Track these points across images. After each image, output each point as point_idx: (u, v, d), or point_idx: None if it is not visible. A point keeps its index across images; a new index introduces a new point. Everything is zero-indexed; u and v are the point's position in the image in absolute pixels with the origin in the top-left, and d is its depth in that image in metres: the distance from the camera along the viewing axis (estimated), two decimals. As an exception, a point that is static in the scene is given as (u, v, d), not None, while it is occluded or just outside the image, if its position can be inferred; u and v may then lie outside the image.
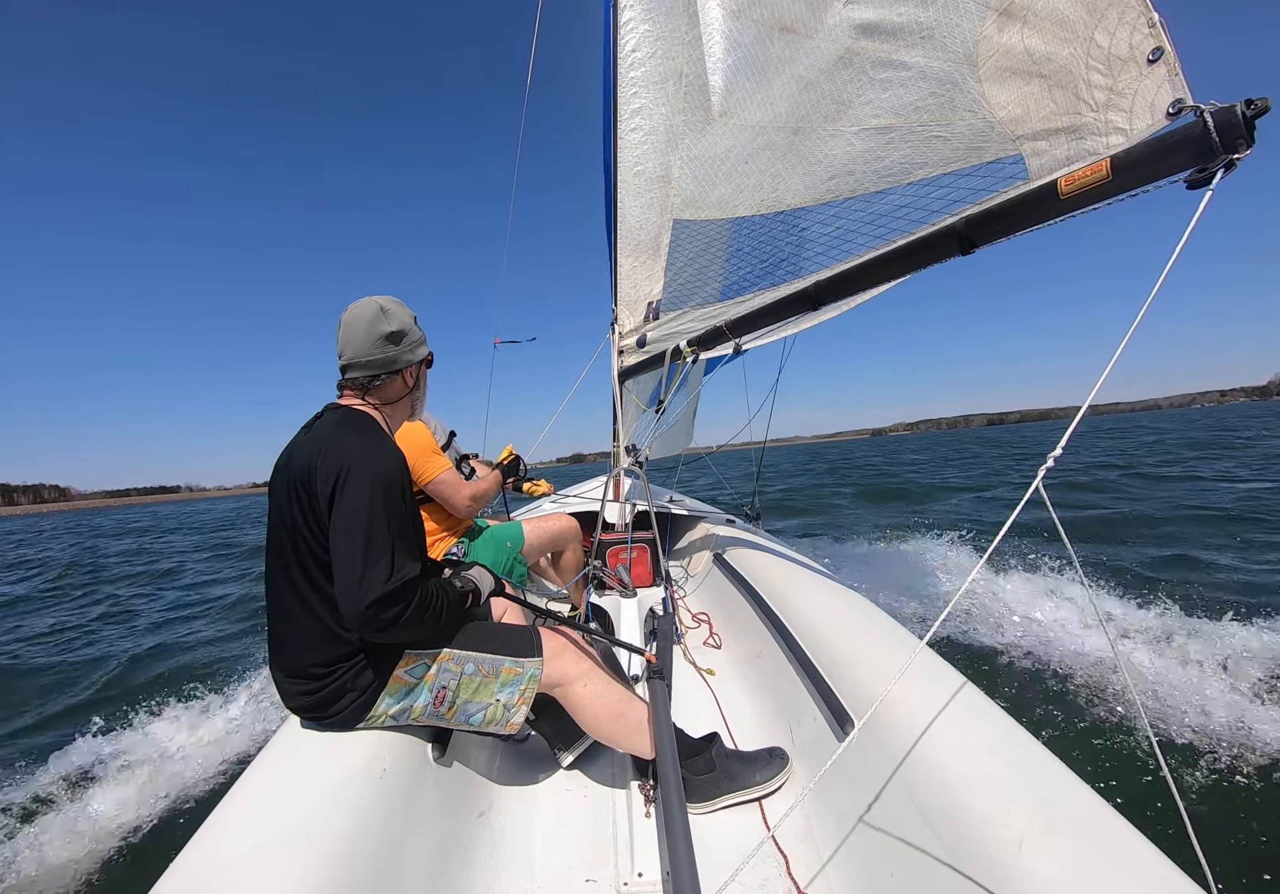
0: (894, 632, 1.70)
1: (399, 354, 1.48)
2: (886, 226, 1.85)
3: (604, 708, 1.55)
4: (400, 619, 1.23)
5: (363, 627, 1.22)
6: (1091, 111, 1.27)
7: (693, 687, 2.23)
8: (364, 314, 1.46)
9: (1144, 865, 0.87)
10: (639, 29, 2.95)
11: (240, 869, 1.02)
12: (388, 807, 1.27)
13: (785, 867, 1.40)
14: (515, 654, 1.52)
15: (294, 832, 1.09)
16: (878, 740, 1.32)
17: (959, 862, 1.02)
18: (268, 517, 1.40)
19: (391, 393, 1.52)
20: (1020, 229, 1.28)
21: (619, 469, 3.51)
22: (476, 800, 1.66)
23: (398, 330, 1.47)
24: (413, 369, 1.55)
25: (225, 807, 1.20)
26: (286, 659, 1.38)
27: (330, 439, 1.33)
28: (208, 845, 1.09)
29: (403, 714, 1.42)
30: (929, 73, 1.70)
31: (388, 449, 1.35)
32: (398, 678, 1.40)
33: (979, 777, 1.08)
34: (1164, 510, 7.29)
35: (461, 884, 1.40)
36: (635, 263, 3.33)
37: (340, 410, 1.44)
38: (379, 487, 1.26)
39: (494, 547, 2.54)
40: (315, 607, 1.32)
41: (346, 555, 1.23)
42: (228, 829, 1.13)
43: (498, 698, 1.47)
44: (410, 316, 1.53)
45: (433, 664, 1.43)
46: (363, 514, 1.23)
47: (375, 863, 1.15)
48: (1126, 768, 2.03)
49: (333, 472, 1.26)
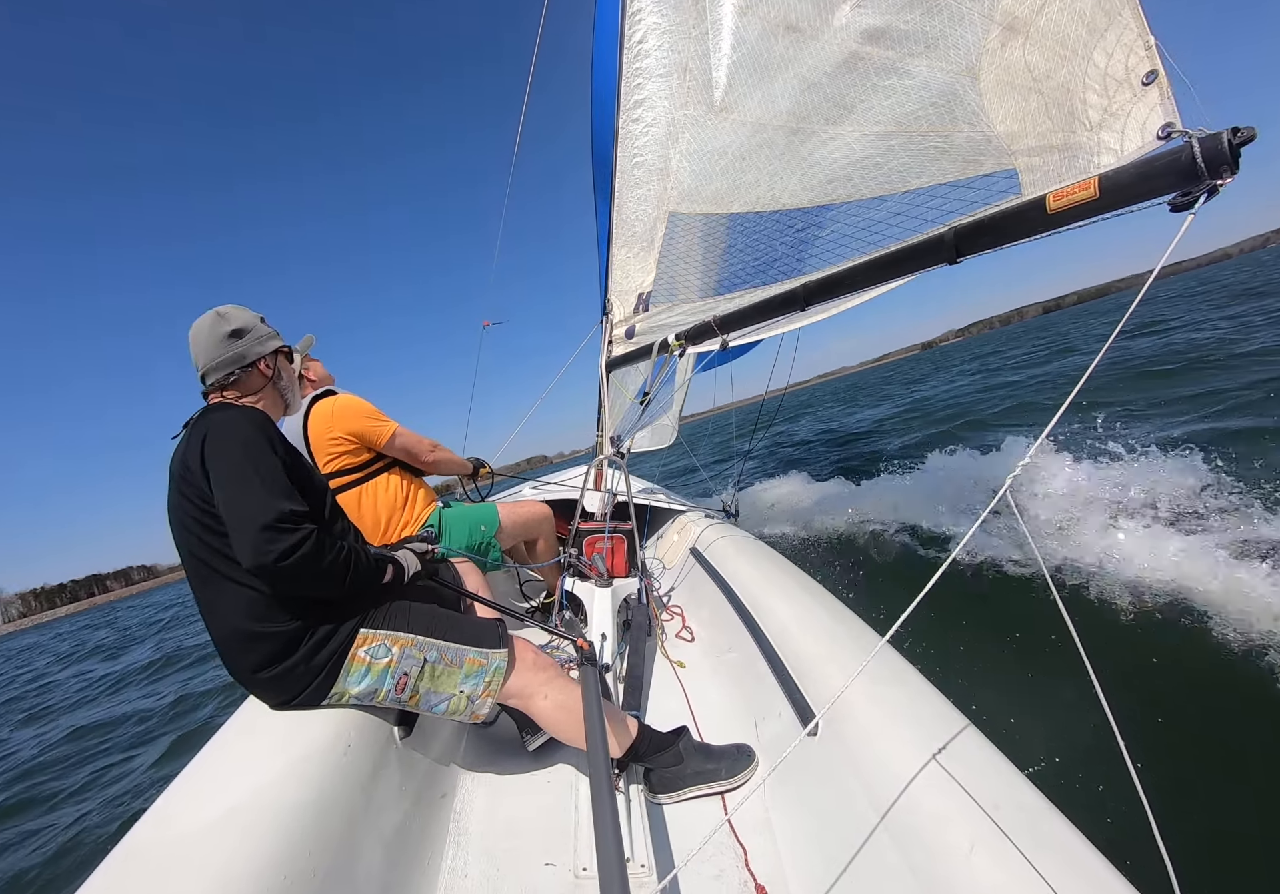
0: (862, 632, 1.73)
1: (247, 348, 1.55)
2: (881, 233, 1.86)
3: (567, 715, 1.56)
4: (294, 554, 1.24)
5: (257, 562, 1.22)
6: (1085, 130, 1.29)
7: (664, 679, 2.26)
8: (204, 323, 1.54)
9: (1088, 873, 0.90)
10: (647, 21, 2.93)
11: (193, 844, 1.01)
12: (350, 785, 1.28)
13: (744, 859, 1.42)
14: (480, 645, 1.53)
15: (252, 807, 1.09)
16: (840, 739, 1.35)
17: (911, 862, 1.05)
18: (171, 530, 1.42)
19: (252, 386, 1.58)
20: (1007, 242, 1.30)
21: (601, 458, 3.52)
22: (440, 782, 1.67)
23: (239, 328, 1.55)
24: (267, 360, 1.61)
25: (181, 781, 1.19)
26: (230, 638, 1.37)
27: (194, 426, 1.41)
28: (161, 820, 1.08)
29: (367, 696, 1.43)
30: (931, 82, 1.71)
31: (245, 411, 1.42)
32: (357, 657, 1.41)
33: (934, 779, 1.11)
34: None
35: (421, 865, 1.41)
36: (629, 254, 3.32)
37: (202, 410, 1.49)
38: (239, 439, 1.33)
39: (467, 528, 2.54)
40: (246, 579, 1.33)
41: (229, 502, 1.27)
42: (183, 803, 1.13)
43: (461, 688, 1.48)
44: (253, 317, 1.61)
45: (394, 647, 1.44)
46: (234, 466, 1.29)
47: (335, 840, 1.16)
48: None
49: (197, 446, 1.33)
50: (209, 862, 0.97)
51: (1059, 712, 2.15)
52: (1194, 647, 2.42)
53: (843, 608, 1.92)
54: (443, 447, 2.68)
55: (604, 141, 3.57)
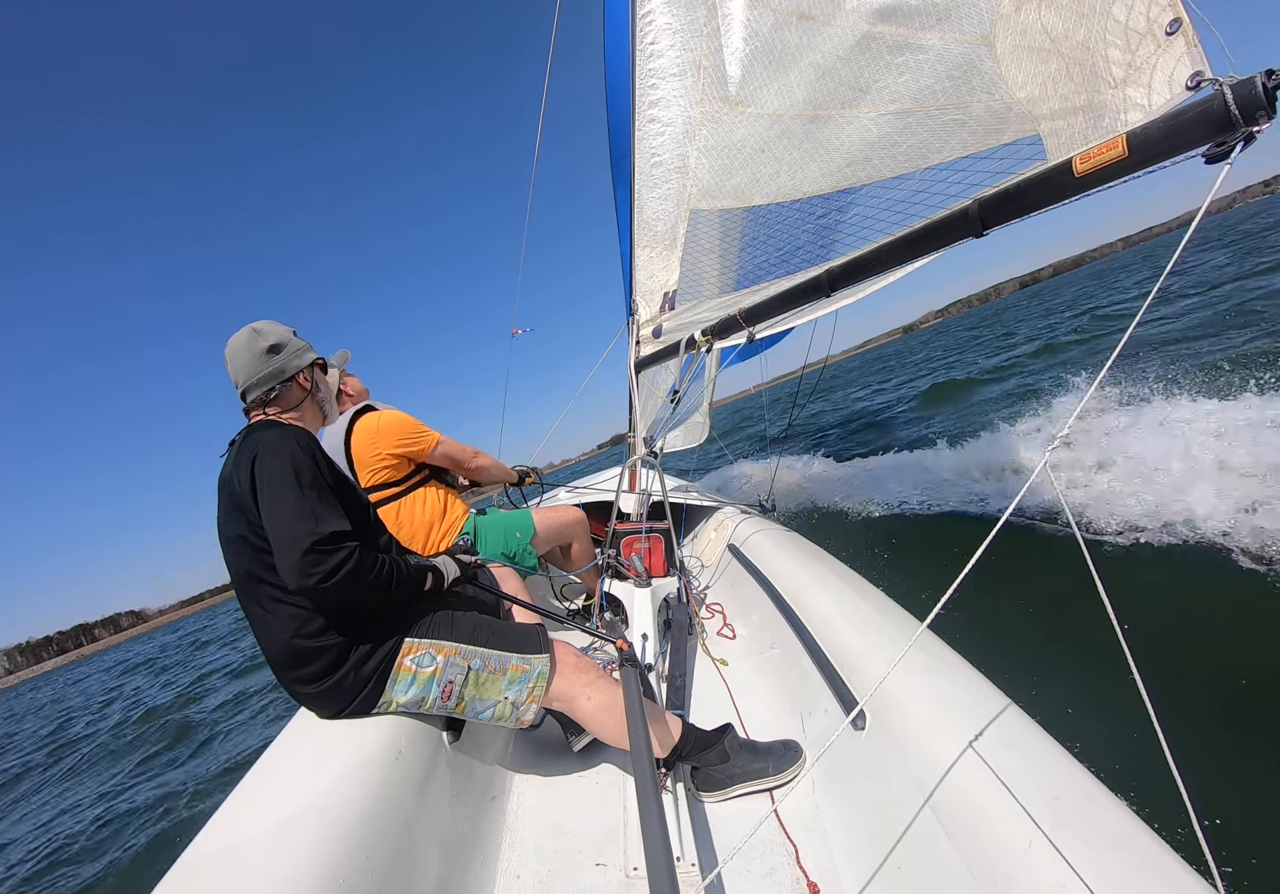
0: (906, 622, 1.68)
1: (285, 363, 1.58)
2: (904, 212, 1.83)
3: (610, 716, 1.56)
4: (337, 574, 1.26)
5: (301, 583, 1.25)
6: (1110, 88, 1.24)
7: (707, 677, 2.24)
8: (240, 340, 1.56)
9: (1152, 864, 0.86)
10: (658, 22, 2.95)
11: (259, 848, 1.04)
12: (403, 790, 1.30)
13: (795, 856, 1.40)
14: (522, 651, 1.55)
15: (311, 812, 1.12)
16: (887, 732, 1.32)
17: (967, 858, 1.01)
18: (220, 548, 1.46)
19: (292, 400, 1.61)
20: (1035, 209, 1.25)
21: (634, 459, 3.52)
22: (490, 784, 1.69)
23: (275, 343, 1.57)
24: (305, 373, 1.63)
25: (243, 788, 1.24)
26: (285, 654, 1.40)
27: (241, 446, 1.43)
28: (226, 825, 1.13)
29: (414, 705, 1.45)
30: (946, 55, 1.68)
31: (291, 431, 1.44)
32: (403, 666, 1.44)
33: (988, 772, 1.07)
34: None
35: (474, 866, 1.42)
36: (651, 254, 3.33)
37: (246, 428, 1.52)
38: (286, 460, 1.34)
39: (502, 535, 2.57)
40: (294, 600, 1.36)
41: (274, 524, 1.29)
42: (246, 809, 1.17)
43: (505, 695, 1.50)
44: (286, 331, 1.64)
45: (438, 656, 1.47)
46: (278, 486, 1.31)
47: (391, 843, 1.18)
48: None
49: (247, 467, 1.35)
50: (271, 868, 1.00)
51: (1101, 688, 2.06)
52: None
53: (884, 597, 1.87)
54: (483, 452, 2.72)
55: (620, 144, 3.60)
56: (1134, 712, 0.98)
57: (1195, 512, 2.86)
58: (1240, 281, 10.43)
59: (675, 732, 1.63)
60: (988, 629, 2.70)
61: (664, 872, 1.00)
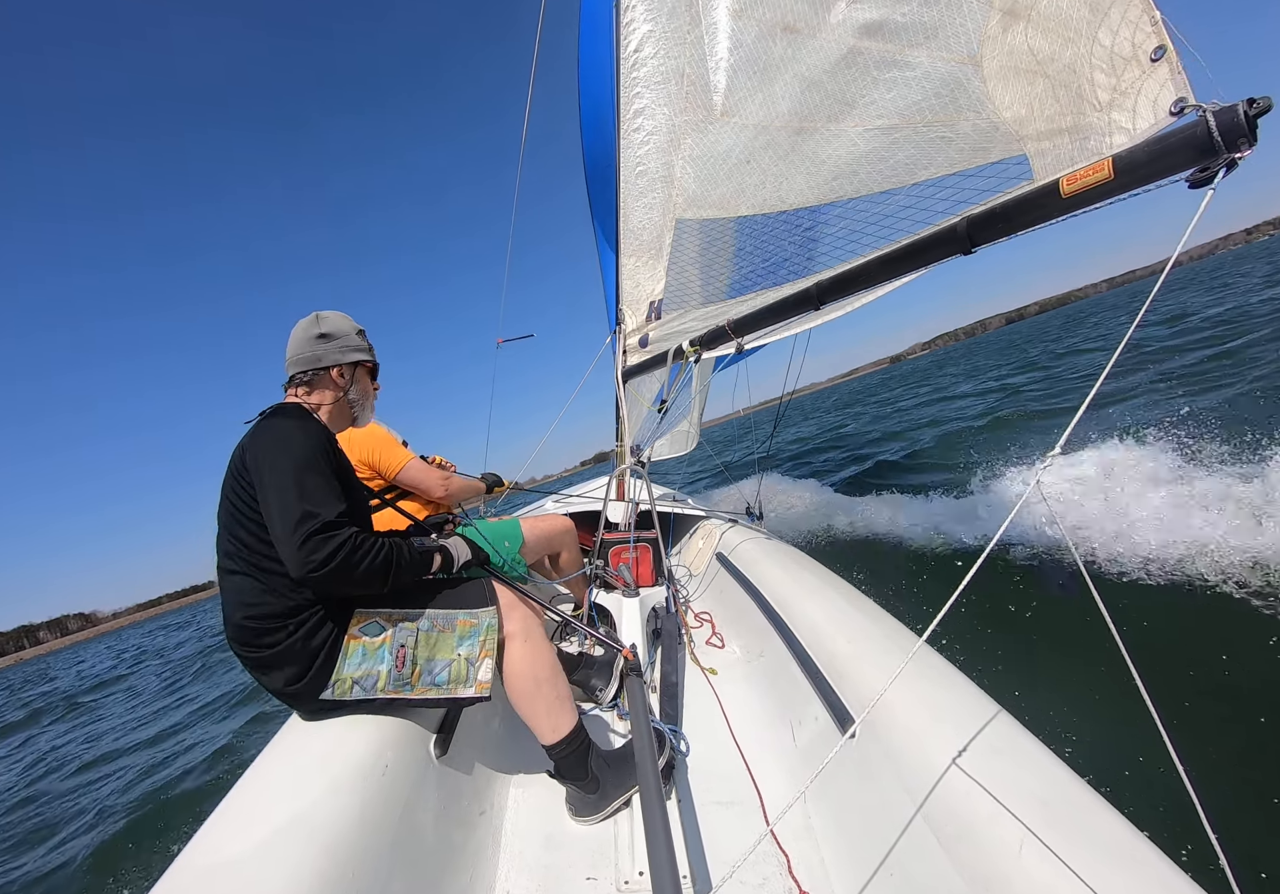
0: (896, 630, 1.70)
1: (326, 352, 1.63)
2: (891, 227, 1.85)
3: (529, 668, 1.58)
4: (333, 559, 1.27)
5: (301, 571, 1.26)
6: (1095, 111, 1.27)
7: (696, 687, 2.24)
8: (303, 322, 1.66)
9: (1143, 867, 0.87)
10: (641, 29, 2.96)
11: (242, 867, 1.02)
12: (390, 805, 1.28)
13: (787, 866, 1.40)
14: (468, 605, 1.56)
15: (296, 829, 1.10)
16: (879, 741, 1.33)
17: (959, 863, 1.02)
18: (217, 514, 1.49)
19: (323, 390, 1.65)
20: (1022, 229, 1.28)
21: (622, 468, 3.52)
22: (478, 798, 1.67)
23: (328, 332, 1.64)
24: (343, 369, 1.67)
25: (228, 804, 1.21)
26: (234, 625, 1.41)
27: (258, 426, 1.48)
28: (209, 843, 1.10)
29: (367, 680, 1.43)
30: (933, 73, 1.70)
31: (306, 424, 1.46)
32: (353, 636, 1.44)
33: (978, 777, 1.08)
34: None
35: (463, 881, 1.40)
36: (638, 263, 3.34)
37: (274, 406, 1.56)
38: (294, 451, 1.37)
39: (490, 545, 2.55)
40: (253, 571, 1.39)
41: (277, 513, 1.30)
42: (230, 826, 1.14)
43: (458, 652, 1.51)
44: (350, 327, 1.69)
45: (386, 624, 1.47)
46: (281, 474, 1.33)
47: (378, 861, 1.16)
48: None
49: (257, 448, 1.39)
50: (258, 887, 0.98)
51: (1099, 699, 2.10)
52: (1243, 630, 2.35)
53: (874, 606, 1.89)
54: (455, 476, 2.68)
55: (596, 153, 3.60)
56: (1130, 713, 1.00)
57: (1189, 525, 2.94)
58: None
59: (566, 726, 1.61)
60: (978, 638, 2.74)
61: (669, 885, 1.00)
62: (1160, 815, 1.17)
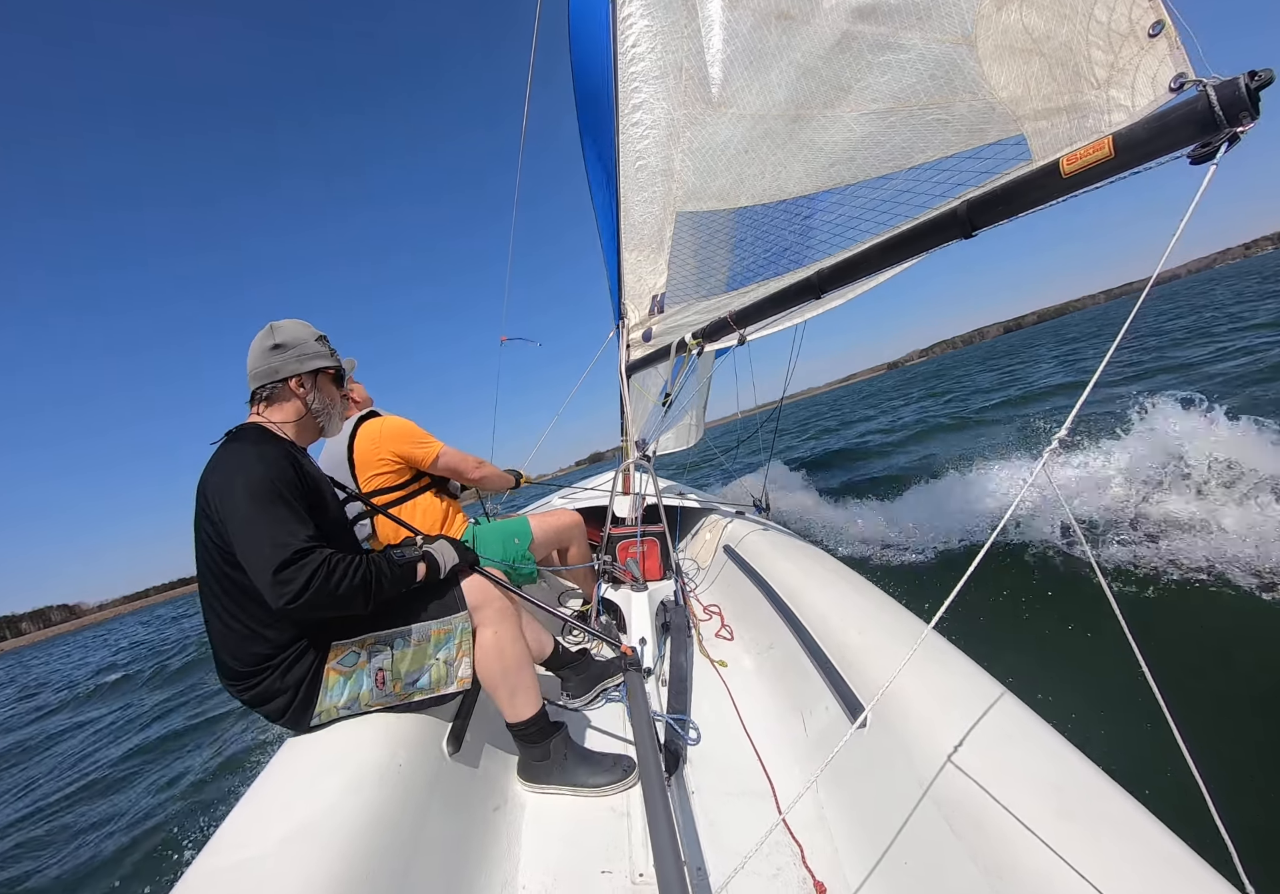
0: (905, 619, 1.69)
1: (284, 363, 1.57)
2: (889, 212, 1.83)
3: (495, 660, 1.61)
4: (308, 588, 1.26)
5: (278, 603, 1.26)
6: (1093, 89, 1.25)
7: (706, 679, 2.24)
8: (259, 335, 1.59)
9: (1159, 851, 0.87)
10: (638, 25, 2.95)
11: (260, 867, 1.03)
12: (404, 804, 1.29)
13: (800, 856, 1.40)
14: (438, 615, 1.56)
15: (312, 828, 1.11)
16: (890, 730, 1.32)
17: (973, 850, 1.02)
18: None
19: (284, 404, 1.59)
20: (1023, 210, 1.27)
21: (628, 463, 3.52)
22: (492, 795, 1.68)
23: (282, 342, 1.57)
24: (301, 378, 1.60)
25: (244, 805, 1.22)
26: (221, 663, 1.44)
27: (216, 455, 1.44)
28: (228, 844, 1.11)
29: (353, 703, 1.46)
30: (928, 54, 1.68)
31: (263, 449, 1.42)
32: (333, 670, 1.45)
33: (991, 765, 1.08)
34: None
35: (478, 878, 1.41)
36: (639, 257, 3.33)
37: (234, 429, 1.52)
38: (250, 483, 1.33)
39: (500, 543, 2.56)
40: (230, 608, 1.39)
41: (248, 550, 1.29)
42: (247, 827, 1.15)
43: (437, 657, 1.53)
44: (307, 334, 1.62)
45: (362, 651, 1.48)
46: (244, 509, 1.31)
47: (393, 858, 1.17)
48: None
49: (213, 482, 1.37)
50: (276, 887, 0.99)
51: (1107, 684, 2.08)
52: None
53: (882, 595, 1.88)
54: (488, 463, 2.72)
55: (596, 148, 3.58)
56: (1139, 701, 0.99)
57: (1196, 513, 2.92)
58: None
59: (528, 711, 1.66)
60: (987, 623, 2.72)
61: (674, 878, 1.00)
62: (1173, 804, 1.16)
